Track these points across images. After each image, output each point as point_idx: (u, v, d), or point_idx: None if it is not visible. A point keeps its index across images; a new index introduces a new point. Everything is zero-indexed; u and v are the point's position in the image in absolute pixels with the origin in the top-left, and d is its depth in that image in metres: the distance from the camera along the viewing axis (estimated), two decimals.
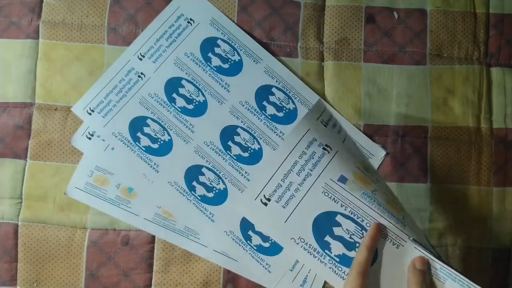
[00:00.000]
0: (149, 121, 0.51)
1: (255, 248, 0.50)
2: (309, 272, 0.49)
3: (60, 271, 0.50)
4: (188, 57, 0.53)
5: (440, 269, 0.37)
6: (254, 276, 0.50)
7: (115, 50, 0.53)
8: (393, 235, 0.38)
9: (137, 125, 0.51)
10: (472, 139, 0.52)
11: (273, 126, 0.52)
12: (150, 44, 0.53)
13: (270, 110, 0.52)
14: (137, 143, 0.51)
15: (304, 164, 0.40)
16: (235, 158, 0.51)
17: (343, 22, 0.54)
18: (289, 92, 0.52)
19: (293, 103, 0.52)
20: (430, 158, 0.52)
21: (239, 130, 0.52)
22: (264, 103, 0.52)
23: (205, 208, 0.50)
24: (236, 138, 0.51)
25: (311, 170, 0.40)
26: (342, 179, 0.40)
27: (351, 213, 0.40)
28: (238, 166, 0.51)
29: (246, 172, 0.51)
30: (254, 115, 0.52)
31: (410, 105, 0.53)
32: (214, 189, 0.51)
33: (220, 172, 0.51)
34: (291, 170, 0.40)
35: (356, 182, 0.40)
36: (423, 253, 0.37)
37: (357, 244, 0.39)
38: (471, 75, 0.53)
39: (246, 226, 0.50)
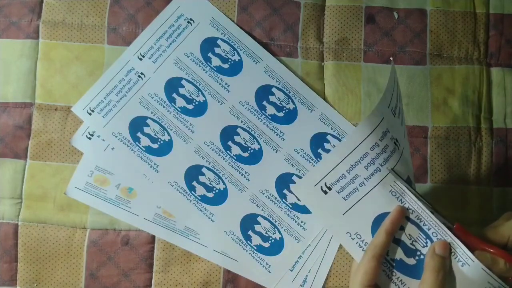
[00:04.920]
0: (149, 121, 0.51)
1: (255, 248, 0.50)
2: (309, 272, 0.49)
3: (60, 271, 0.50)
4: (188, 57, 0.53)
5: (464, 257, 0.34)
6: (254, 276, 0.50)
7: (115, 50, 0.53)
8: (461, 252, 0.35)
9: (137, 125, 0.51)
10: (472, 139, 0.52)
11: (273, 126, 0.52)
12: (150, 44, 0.53)
13: (270, 110, 0.52)
14: (137, 143, 0.51)
15: (375, 158, 0.36)
16: (235, 158, 0.51)
17: (343, 22, 0.54)
18: (289, 92, 0.52)
19: (293, 103, 0.52)
20: (430, 158, 0.52)
21: (239, 130, 0.52)
22: (264, 103, 0.52)
23: (205, 208, 0.50)
24: (236, 138, 0.51)
25: (381, 165, 0.36)
26: (409, 181, 0.37)
27: (417, 218, 0.36)
28: (238, 166, 0.51)
29: (246, 172, 0.51)
30: (254, 115, 0.52)
31: (410, 105, 0.53)
32: (214, 189, 0.51)
33: (220, 172, 0.51)
34: (359, 162, 0.36)
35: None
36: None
37: (418, 252, 0.36)
38: (471, 75, 0.53)
39: (246, 226, 0.50)
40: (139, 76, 0.52)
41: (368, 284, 0.34)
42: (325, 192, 0.37)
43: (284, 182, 0.51)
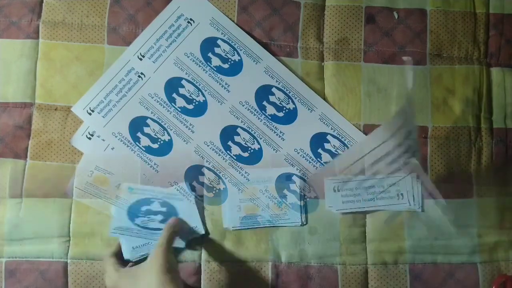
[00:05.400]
0: (149, 121, 0.51)
1: None
2: None
3: None
4: (188, 57, 0.53)
5: None
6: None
7: (115, 50, 0.53)
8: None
9: (137, 125, 0.51)
10: (472, 139, 0.52)
11: (273, 126, 0.52)
12: (150, 44, 0.53)
13: (270, 110, 0.52)
14: (137, 143, 0.51)
15: (398, 156, 0.36)
16: (235, 158, 0.51)
17: (343, 22, 0.54)
18: (289, 92, 0.52)
19: (293, 103, 0.52)
20: (430, 158, 0.52)
21: (239, 130, 0.52)
22: (264, 103, 0.52)
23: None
24: (236, 138, 0.51)
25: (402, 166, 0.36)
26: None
27: None
28: (238, 166, 0.51)
29: (246, 172, 0.51)
30: (254, 115, 0.52)
31: None
32: (215, 189, 0.51)
33: (220, 172, 0.51)
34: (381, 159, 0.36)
35: None
36: None
37: None
38: (471, 75, 0.53)
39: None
40: (139, 76, 0.52)
41: None
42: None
43: (284, 182, 0.51)
